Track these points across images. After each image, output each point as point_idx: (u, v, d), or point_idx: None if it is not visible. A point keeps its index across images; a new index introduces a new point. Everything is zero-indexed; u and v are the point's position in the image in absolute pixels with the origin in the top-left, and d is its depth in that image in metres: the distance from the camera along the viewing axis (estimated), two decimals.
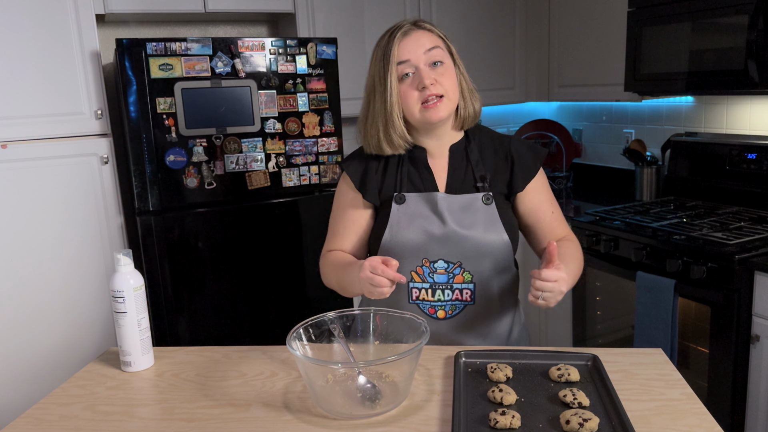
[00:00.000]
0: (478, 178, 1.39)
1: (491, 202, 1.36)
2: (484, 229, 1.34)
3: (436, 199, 1.36)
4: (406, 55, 1.31)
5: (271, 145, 2.40)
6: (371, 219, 1.44)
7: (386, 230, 1.37)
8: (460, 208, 1.36)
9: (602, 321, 2.62)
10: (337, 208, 1.47)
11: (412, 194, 1.38)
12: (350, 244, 1.45)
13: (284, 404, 1.12)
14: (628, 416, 0.98)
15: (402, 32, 1.32)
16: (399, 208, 1.37)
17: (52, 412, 1.15)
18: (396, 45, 1.31)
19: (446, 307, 1.37)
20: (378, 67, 1.33)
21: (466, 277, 1.36)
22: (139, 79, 2.18)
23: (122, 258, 1.27)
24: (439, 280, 1.36)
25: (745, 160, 2.50)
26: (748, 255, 1.97)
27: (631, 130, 3.14)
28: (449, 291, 1.37)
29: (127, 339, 1.28)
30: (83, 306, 2.37)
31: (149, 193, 2.26)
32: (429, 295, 1.37)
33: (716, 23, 2.20)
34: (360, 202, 1.42)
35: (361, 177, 1.41)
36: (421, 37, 1.33)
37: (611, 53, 2.80)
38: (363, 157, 1.43)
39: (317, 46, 2.42)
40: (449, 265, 1.36)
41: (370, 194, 1.40)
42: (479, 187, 1.38)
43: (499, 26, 3.22)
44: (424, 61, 1.31)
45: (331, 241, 1.47)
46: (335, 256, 1.43)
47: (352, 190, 1.42)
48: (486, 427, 0.99)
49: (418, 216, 1.36)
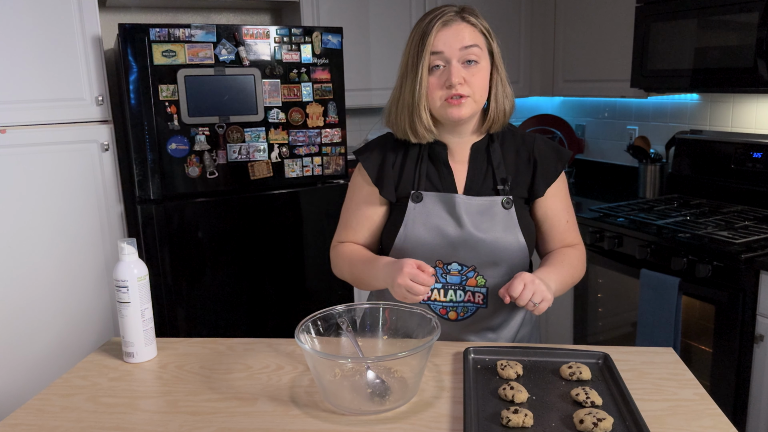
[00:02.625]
0: (499, 181, 1.34)
1: (511, 206, 1.32)
2: (501, 233, 1.31)
3: (454, 200, 1.32)
4: (441, 47, 1.24)
5: (274, 135, 2.37)
6: (385, 215, 1.40)
7: (401, 228, 1.33)
8: (479, 212, 1.32)
9: (604, 318, 2.61)
10: (350, 201, 1.43)
11: (429, 193, 1.34)
12: (363, 238, 1.42)
13: (291, 398, 1.10)
14: (642, 416, 0.96)
15: (443, 21, 1.25)
16: (416, 206, 1.33)
17: (54, 403, 1.12)
18: (434, 33, 1.24)
19: (458, 308, 1.35)
20: (413, 52, 1.27)
21: (480, 281, 1.33)
22: (142, 65, 2.15)
23: (126, 247, 1.25)
24: (452, 280, 1.34)
25: (751, 159, 2.48)
26: (754, 254, 1.95)
27: (634, 127, 3.12)
28: (461, 292, 1.34)
29: (130, 329, 1.26)
30: (81, 295, 2.34)
31: (150, 181, 2.24)
32: (441, 296, 1.34)
33: (725, 20, 2.18)
34: (376, 198, 1.38)
35: (377, 171, 1.37)
36: (462, 31, 1.25)
37: (617, 49, 2.78)
38: (380, 150, 1.39)
39: (322, 35, 2.39)
40: (463, 268, 1.33)
41: (387, 190, 1.36)
42: (499, 189, 1.34)
43: (504, 20, 3.19)
44: (458, 57, 1.25)
45: (343, 233, 1.44)
46: (351, 250, 1.40)
47: (368, 184, 1.38)
48: (498, 425, 0.98)
49: (434, 216, 1.32)
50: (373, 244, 1.44)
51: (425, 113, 1.28)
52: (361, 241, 1.42)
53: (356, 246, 1.41)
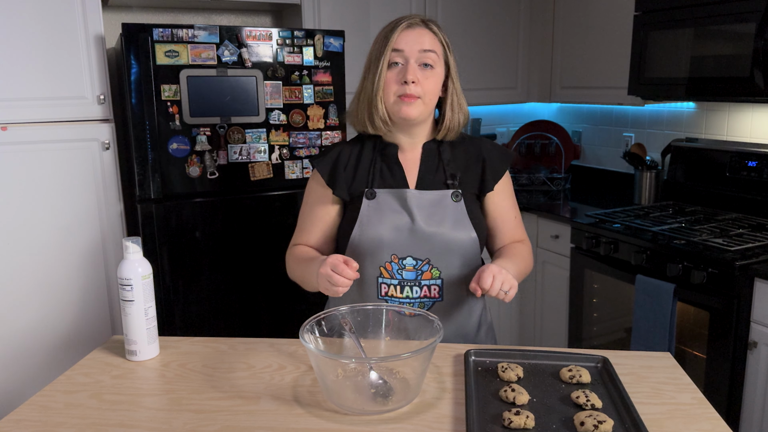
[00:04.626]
0: (449, 176, 1.41)
1: (460, 200, 1.39)
2: (452, 226, 1.37)
3: (405, 195, 1.38)
4: (402, 45, 1.33)
5: (275, 137, 2.38)
6: (338, 215, 1.46)
7: (356, 225, 1.38)
8: (430, 205, 1.38)
9: (599, 323, 2.63)
10: (305, 204, 1.49)
11: (382, 190, 1.39)
12: (315, 239, 1.47)
13: (294, 398, 1.11)
14: (642, 419, 0.98)
15: (408, 23, 1.35)
16: (369, 203, 1.39)
17: (58, 399, 1.13)
18: (397, 32, 1.34)
19: (415, 304, 1.39)
20: (376, 48, 1.36)
21: (434, 274, 1.37)
22: (144, 64, 2.15)
23: (131, 245, 1.25)
24: (408, 276, 1.37)
25: (746, 167, 2.51)
26: (748, 262, 1.98)
27: (631, 134, 3.15)
28: (417, 288, 1.38)
29: (134, 328, 1.27)
30: (80, 293, 2.34)
31: (150, 180, 2.24)
32: (397, 292, 1.38)
33: (722, 30, 2.21)
34: (329, 198, 1.44)
35: (330, 172, 1.43)
36: (424, 36, 1.35)
37: (615, 56, 2.81)
38: (333, 154, 1.45)
39: (324, 38, 2.40)
40: (417, 262, 1.37)
41: (340, 189, 1.41)
42: (449, 184, 1.40)
43: (503, 26, 3.22)
44: (416, 57, 1.33)
45: (298, 235, 1.50)
46: (299, 251, 1.46)
47: (322, 186, 1.44)
48: (500, 426, 0.99)
49: (387, 211, 1.37)
50: (327, 245, 1.49)
51: (381, 104, 1.35)
52: (313, 243, 1.47)
53: (305, 248, 1.47)
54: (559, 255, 2.77)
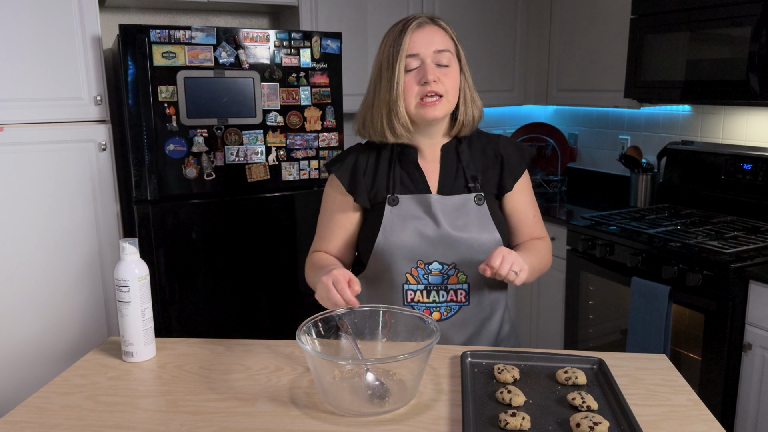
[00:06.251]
0: (470, 179, 1.39)
1: (483, 203, 1.38)
2: (477, 229, 1.35)
3: (429, 200, 1.36)
4: (416, 49, 1.30)
5: (272, 138, 2.38)
6: (359, 222, 1.43)
7: (380, 232, 1.36)
8: (453, 209, 1.36)
9: (594, 325, 2.63)
10: (324, 211, 1.47)
11: (405, 196, 1.37)
12: (335, 246, 1.45)
13: (291, 399, 1.11)
14: (637, 421, 0.98)
15: (417, 24, 1.32)
16: (392, 210, 1.36)
17: (54, 401, 1.13)
18: (408, 36, 1.30)
19: (441, 308, 1.37)
20: (387, 54, 1.32)
21: (461, 278, 1.37)
22: (141, 66, 2.15)
23: (128, 246, 1.25)
24: (434, 281, 1.37)
25: (741, 170, 2.53)
26: (743, 264, 1.99)
27: (627, 137, 3.16)
28: (444, 292, 1.37)
29: (130, 329, 1.27)
30: (75, 294, 2.34)
31: (147, 181, 2.24)
32: (424, 297, 1.37)
33: (718, 34, 2.22)
34: (349, 206, 1.42)
35: (350, 180, 1.40)
36: (434, 34, 1.32)
37: (611, 59, 2.82)
38: (350, 159, 1.42)
39: (322, 40, 2.40)
40: (444, 267, 1.36)
41: (361, 197, 1.39)
42: (471, 187, 1.39)
43: (500, 28, 3.23)
44: (431, 57, 1.31)
45: (318, 242, 1.48)
46: (318, 257, 1.44)
47: (341, 193, 1.41)
48: (496, 428, 0.99)
49: (411, 218, 1.36)
50: (347, 252, 1.47)
51: (403, 109, 1.32)
52: (333, 250, 1.45)
53: (324, 254, 1.45)
54: (555, 257, 2.78)
